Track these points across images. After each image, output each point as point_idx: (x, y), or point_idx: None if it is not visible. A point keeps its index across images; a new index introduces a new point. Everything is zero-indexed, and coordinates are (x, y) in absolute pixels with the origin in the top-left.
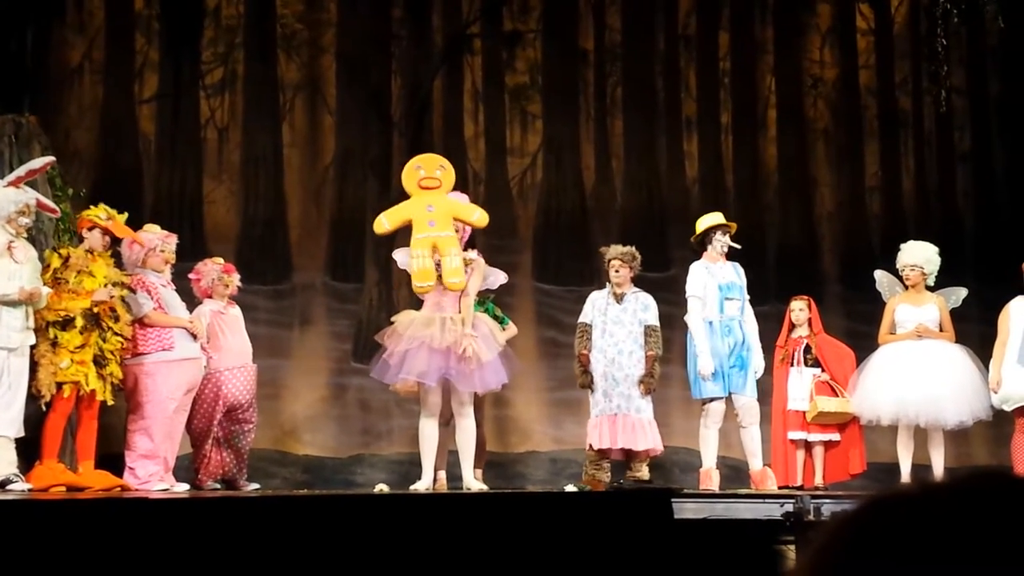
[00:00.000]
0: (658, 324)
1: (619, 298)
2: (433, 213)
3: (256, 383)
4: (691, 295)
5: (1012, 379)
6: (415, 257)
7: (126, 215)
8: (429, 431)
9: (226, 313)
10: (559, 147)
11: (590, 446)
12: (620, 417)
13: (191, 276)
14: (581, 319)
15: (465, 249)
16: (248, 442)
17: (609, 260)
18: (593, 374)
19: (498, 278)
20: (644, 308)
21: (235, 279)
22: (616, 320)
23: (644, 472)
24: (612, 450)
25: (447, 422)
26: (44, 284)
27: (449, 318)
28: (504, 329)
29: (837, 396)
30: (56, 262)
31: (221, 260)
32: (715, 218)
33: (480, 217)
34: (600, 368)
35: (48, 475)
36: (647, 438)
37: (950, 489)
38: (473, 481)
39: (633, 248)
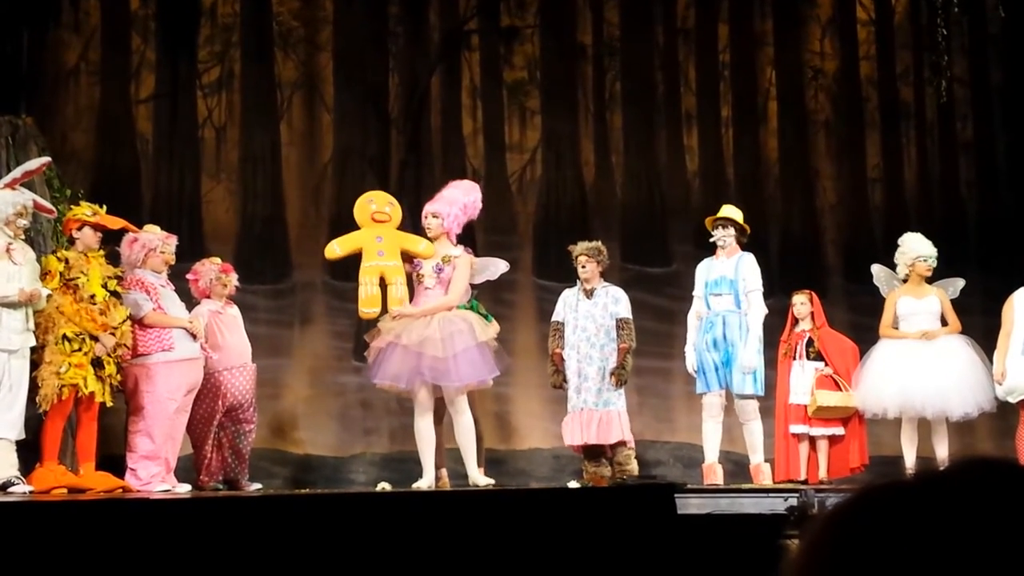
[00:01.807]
0: (630, 316)
1: (589, 293)
2: (382, 244)
3: (256, 383)
4: (693, 294)
5: (1017, 370)
6: (363, 284)
7: (105, 207)
8: (424, 429)
9: (224, 313)
10: (558, 143)
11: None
12: (586, 412)
13: (189, 276)
14: (553, 318)
15: (456, 244)
16: (249, 442)
17: (576, 256)
18: (566, 372)
19: (498, 268)
20: (615, 301)
21: (233, 279)
22: (587, 315)
23: (632, 466)
24: (603, 445)
25: (440, 420)
26: (54, 290)
27: (426, 317)
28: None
29: (838, 390)
30: (59, 266)
31: (219, 260)
32: (722, 211)
33: (426, 247)
34: (572, 364)
35: (49, 477)
36: (613, 431)
37: (943, 478)
38: (479, 477)
39: (599, 243)
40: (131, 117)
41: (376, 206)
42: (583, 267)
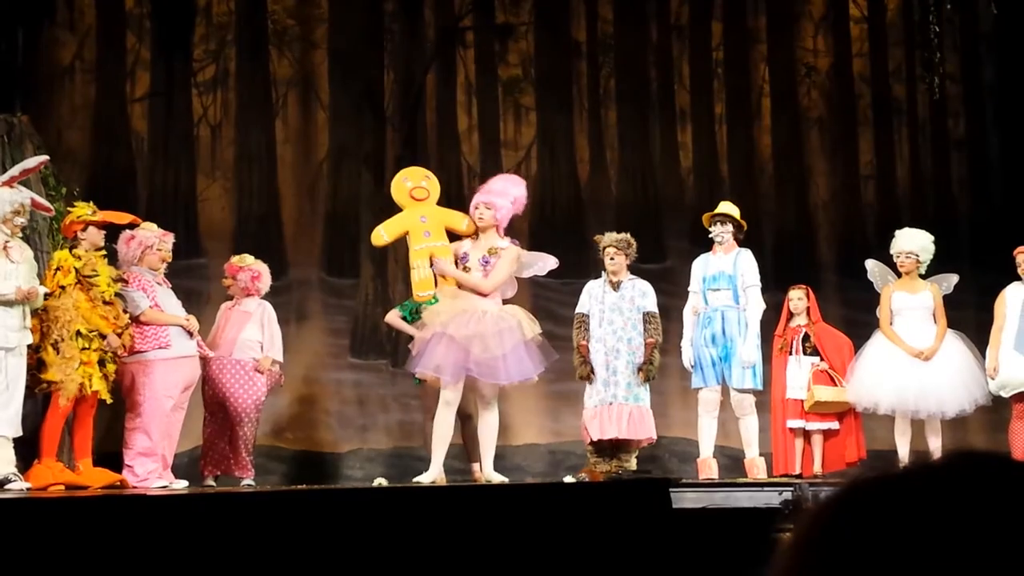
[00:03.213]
0: (657, 311)
1: (616, 286)
2: (427, 224)
3: (240, 379)
4: (689, 289)
5: (1010, 365)
6: (415, 268)
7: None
8: (445, 424)
9: (232, 308)
10: (553, 139)
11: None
12: (616, 406)
13: None
14: (578, 309)
15: (503, 237)
16: (242, 437)
17: (604, 248)
18: (593, 364)
19: (547, 264)
20: (642, 295)
21: (240, 278)
22: (614, 308)
23: (632, 463)
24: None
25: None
26: (69, 287)
27: (478, 311)
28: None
29: (835, 386)
30: (76, 263)
31: (246, 258)
32: (720, 207)
33: (469, 225)
34: (600, 358)
35: (47, 474)
36: (644, 427)
37: (932, 471)
38: (493, 474)
39: (628, 235)
40: (126, 116)
41: (412, 183)
42: (611, 259)
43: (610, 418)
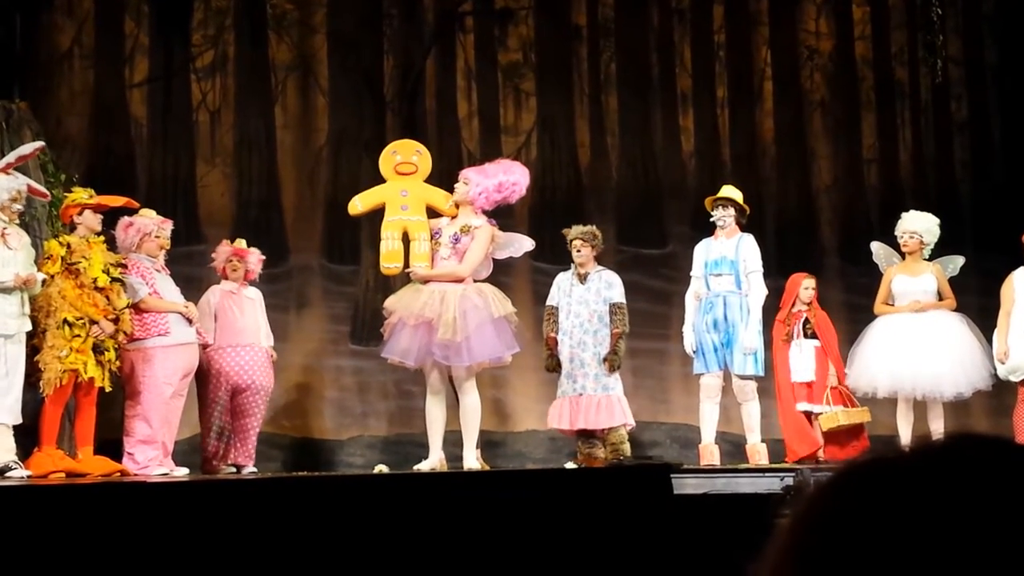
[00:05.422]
0: (624, 301)
1: (583, 278)
2: (407, 198)
3: (267, 366)
4: (691, 275)
5: (1019, 350)
6: (385, 239)
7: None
8: (434, 409)
9: (238, 294)
10: (553, 125)
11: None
12: (585, 398)
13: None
14: (548, 302)
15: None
16: (252, 425)
17: (571, 240)
18: (560, 356)
19: (522, 244)
20: (608, 286)
21: (249, 262)
22: (580, 300)
23: (626, 447)
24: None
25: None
26: (55, 275)
27: (441, 293)
28: None
29: (850, 406)
30: (61, 251)
31: (243, 243)
32: (722, 191)
33: (451, 207)
34: (566, 350)
35: (47, 462)
36: (615, 415)
37: (930, 453)
38: (473, 461)
39: (594, 227)
40: (125, 101)
41: (401, 157)
42: (578, 251)
43: (578, 409)
